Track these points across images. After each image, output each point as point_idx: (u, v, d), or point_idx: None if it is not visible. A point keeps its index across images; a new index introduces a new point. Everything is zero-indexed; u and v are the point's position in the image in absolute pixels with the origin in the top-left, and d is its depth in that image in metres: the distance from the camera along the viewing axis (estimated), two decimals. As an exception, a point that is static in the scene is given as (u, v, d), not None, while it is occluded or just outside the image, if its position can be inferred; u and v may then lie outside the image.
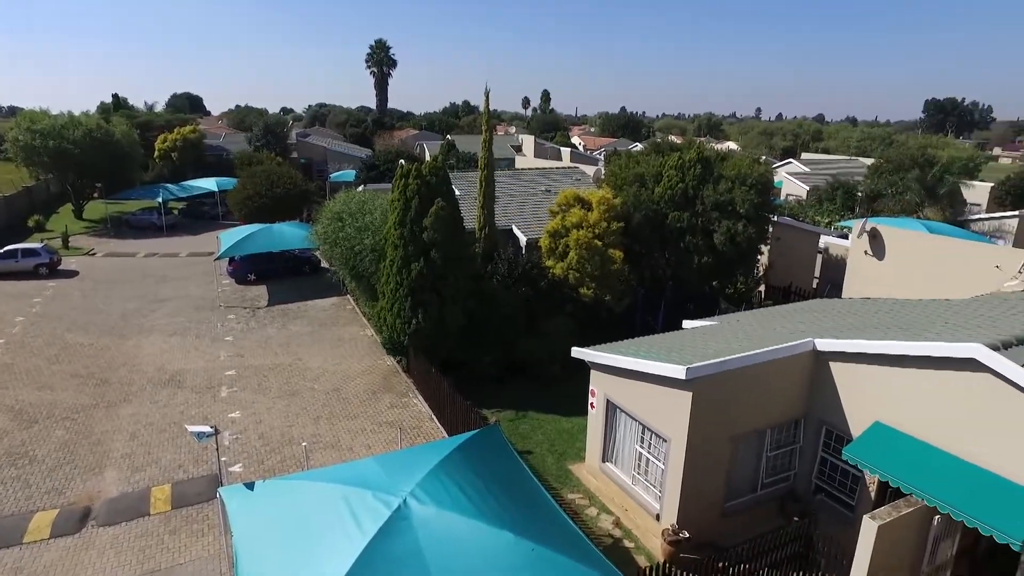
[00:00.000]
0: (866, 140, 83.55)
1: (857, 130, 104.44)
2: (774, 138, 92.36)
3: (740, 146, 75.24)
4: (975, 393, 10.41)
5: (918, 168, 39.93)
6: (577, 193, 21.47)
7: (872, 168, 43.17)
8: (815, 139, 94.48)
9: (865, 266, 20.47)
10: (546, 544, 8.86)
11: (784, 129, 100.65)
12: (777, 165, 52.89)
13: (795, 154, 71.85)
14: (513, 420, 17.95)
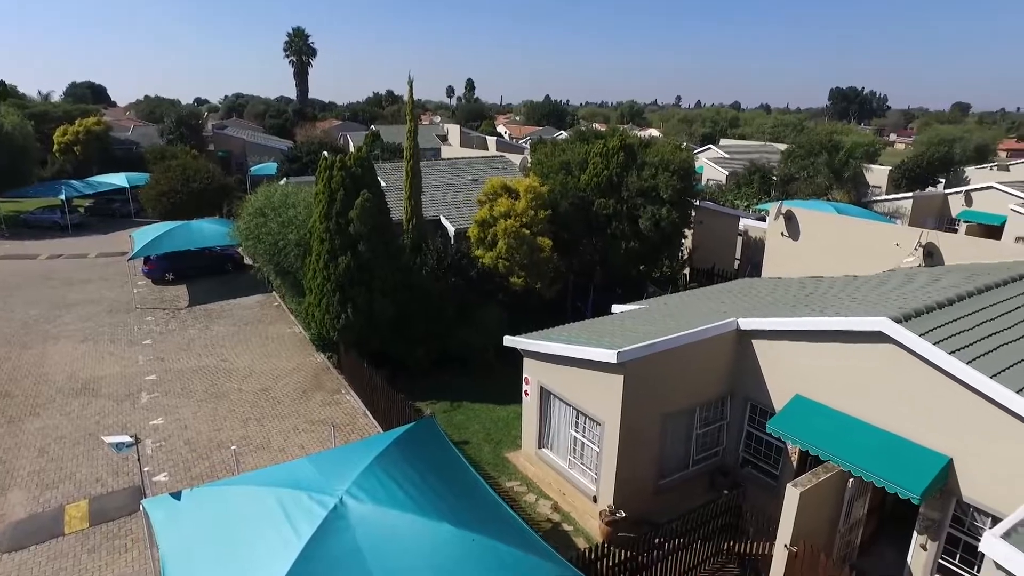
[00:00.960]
0: (779, 127, 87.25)
1: (771, 117, 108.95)
2: (694, 125, 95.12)
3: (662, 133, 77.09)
4: (881, 363, 11.10)
5: (826, 153, 42.07)
6: (504, 182, 21.50)
7: (785, 153, 45.20)
8: (732, 126, 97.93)
9: (782, 247, 21.41)
10: (486, 533, 8.90)
11: (703, 116, 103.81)
12: (698, 151, 54.52)
13: (714, 140, 74.23)
14: (448, 411, 17.91)
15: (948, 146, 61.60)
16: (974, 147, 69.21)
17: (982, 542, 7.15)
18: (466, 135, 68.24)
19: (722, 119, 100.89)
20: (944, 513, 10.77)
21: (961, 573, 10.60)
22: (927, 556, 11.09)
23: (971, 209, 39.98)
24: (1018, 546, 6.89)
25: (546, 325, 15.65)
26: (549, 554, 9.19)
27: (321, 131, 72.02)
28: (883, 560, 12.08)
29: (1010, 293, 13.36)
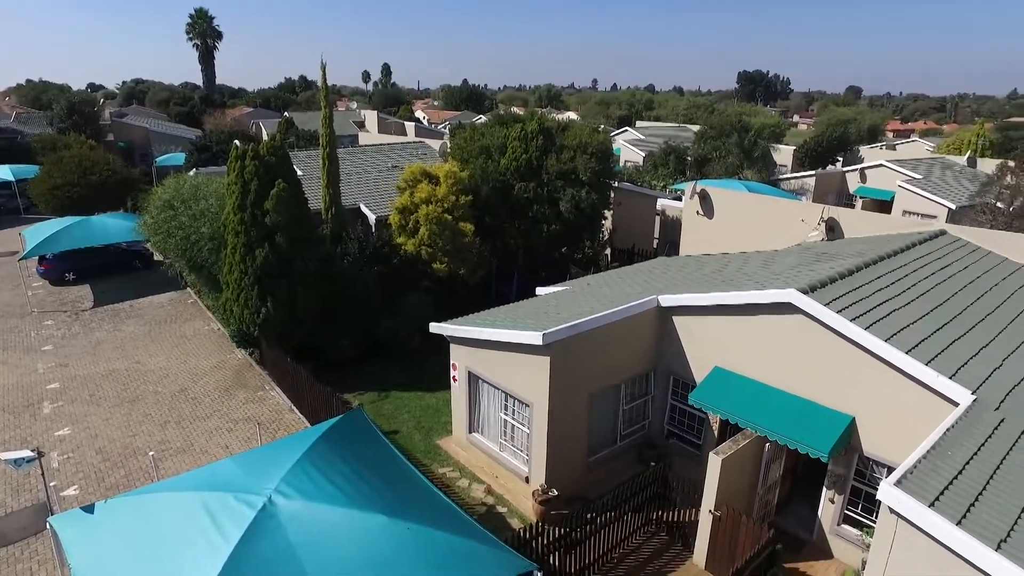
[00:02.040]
0: (692, 108, 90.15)
1: (684, 99, 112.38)
2: (610, 107, 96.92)
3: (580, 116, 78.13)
4: (791, 332, 11.76)
5: (736, 134, 43.78)
6: (424, 168, 21.27)
7: (698, 134, 46.76)
8: (647, 108, 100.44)
9: (698, 225, 22.19)
10: (421, 521, 8.89)
11: (619, 99, 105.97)
12: (615, 133, 55.59)
13: (630, 122, 75.88)
14: (376, 401, 17.71)
15: (844, 127, 65.37)
16: (867, 128, 73.77)
17: (879, 490, 7.72)
18: (384, 121, 66.94)
19: (637, 102, 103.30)
20: (848, 468, 11.58)
21: (864, 520, 11.44)
22: (835, 508, 11.91)
23: (866, 186, 42.66)
24: (908, 491, 7.49)
25: (472, 310, 15.67)
26: (485, 537, 9.28)
27: (231, 119, 68.79)
28: (798, 516, 12.88)
29: (900, 263, 14.42)
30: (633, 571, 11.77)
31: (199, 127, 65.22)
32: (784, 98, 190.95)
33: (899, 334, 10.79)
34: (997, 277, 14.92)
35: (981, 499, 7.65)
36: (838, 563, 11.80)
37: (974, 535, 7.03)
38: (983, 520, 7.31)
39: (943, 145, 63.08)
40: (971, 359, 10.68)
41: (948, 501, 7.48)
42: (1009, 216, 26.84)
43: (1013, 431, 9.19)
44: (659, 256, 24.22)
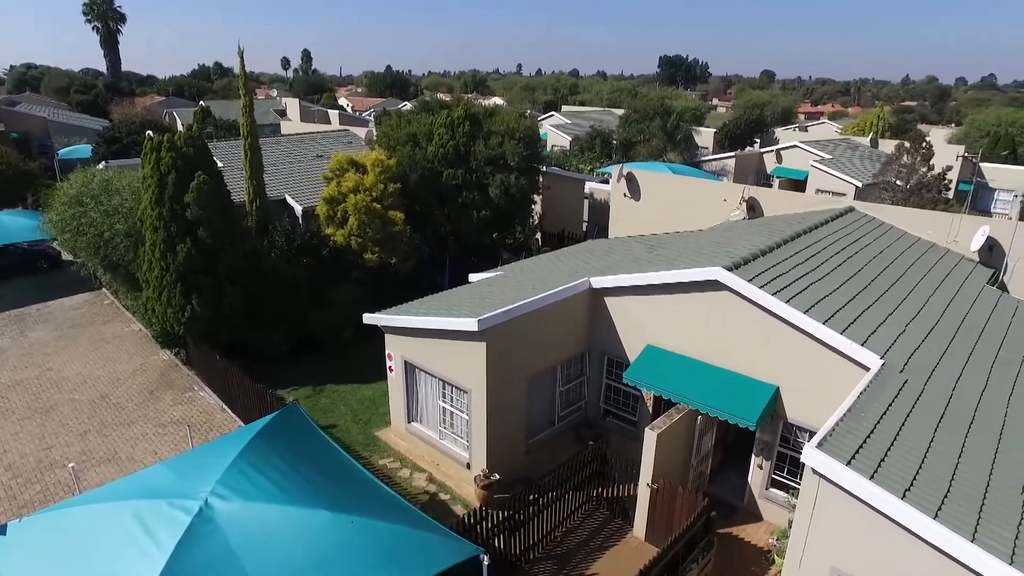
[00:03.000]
0: (616, 93, 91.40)
1: (607, 83, 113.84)
2: (536, 92, 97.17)
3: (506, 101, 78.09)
4: (717, 308, 12.24)
5: (660, 117, 44.78)
6: (351, 157, 20.82)
7: (623, 118, 47.54)
8: (572, 92, 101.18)
9: (625, 207, 22.66)
10: (364, 514, 8.83)
11: (544, 84, 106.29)
12: (541, 118, 55.87)
13: (556, 107, 76.33)
14: (312, 396, 17.35)
15: (760, 110, 67.92)
16: (781, 110, 76.99)
17: (803, 454, 8.19)
18: (307, 109, 64.90)
19: (563, 86, 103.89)
20: (774, 435, 12.20)
21: (790, 483, 12.10)
22: (763, 474, 12.54)
23: (782, 166, 44.57)
24: (827, 452, 7.98)
25: (405, 299, 15.51)
26: (429, 525, 9.31)
27: (142, 108, 65.06)
28: (730, 484, 13.49)
29: (815, 239, 15.21)
30: (576, 547, 12.06)
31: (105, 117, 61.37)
32: (703, 82, 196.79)
33: (816, 306, 11.41)
34: (898, 250, 15.95)
35: (890, 454, 8.24)
36: (768, 525, 12.45)
37: (884, 487, 7.58)
38: (891, 473, 7.88)
39: (849, 127, 66.66)
40: (879, 326, 11.42)
41: (862, 459, 8.02)
42: (907, 192, 28.67)
43: (915, 390, 9.92)
44: (589, 239, 24.61)
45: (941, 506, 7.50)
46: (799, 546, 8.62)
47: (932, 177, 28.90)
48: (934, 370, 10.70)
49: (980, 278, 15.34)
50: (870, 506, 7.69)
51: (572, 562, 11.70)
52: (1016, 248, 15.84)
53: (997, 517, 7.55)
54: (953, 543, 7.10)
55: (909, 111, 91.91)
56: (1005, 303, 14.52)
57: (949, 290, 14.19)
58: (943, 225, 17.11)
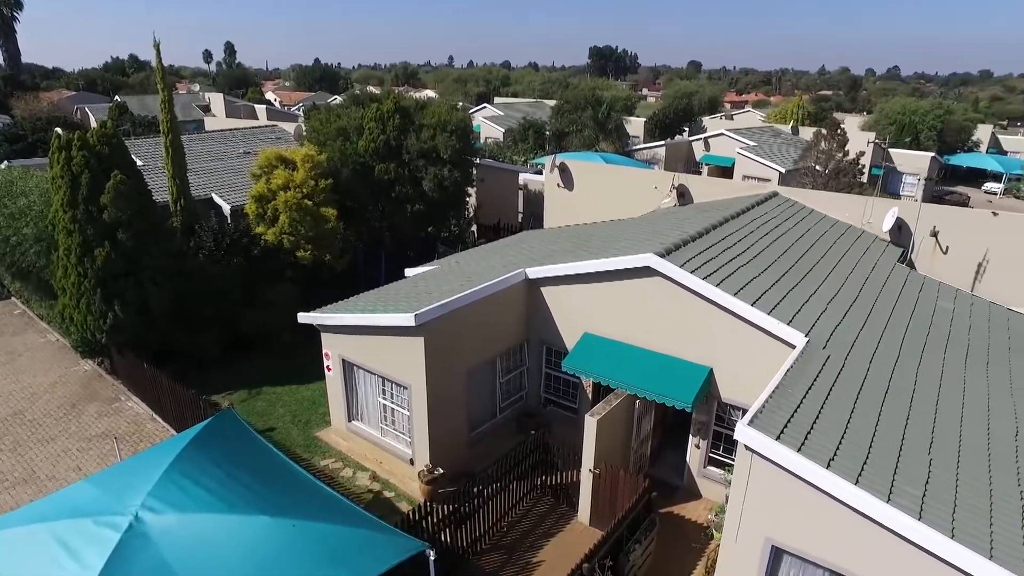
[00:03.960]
0: (547, 84, 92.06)
1: (539, 75, 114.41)
2: (468, 84, 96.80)
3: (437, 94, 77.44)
4: (651, 294, 12.53)
5: (591, 108, 45.34)
6: (280, 153, 20.24)
7: (555, 109, 47.93)
8: (504, 84, 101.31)
9: (559, 197, 22.89)
10: (306, 516, 8.65)
11: (476, 76, 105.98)
12: (474, 110, 55.75)
13: (488, 99, 76.33)
14: (248, 399, 16.86)
15: (688, 99, 69.76)
16: (707, 100, 79.26)
17: (736, 431, 8.51)
18: (232, 104, 62.73)
19: (494, 78, 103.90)
20: (710, 415, 12.61)
21: (726, 460, 12.55)
22: (700, 453, 12.96)
23: (710, 153, 45.96)
24: (759, 429, 8.32)
25: (341, 297, 15.23)
26: (374, 523, 9.21)
27: (49, 104, 61.27)
28: (669, 464, 13.87)
29: (742, 223, 15.75)
30: (523, 536, 12.17)
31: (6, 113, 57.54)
32: (633, 72, 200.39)
33: (745, 288, 11.84)
34: (819, 232, 16.71)
35: (815, 427, 8.66)
36: (706, 502, 12.88)
37: (811, 458, 7.96)
38: (817, 444, 8.28)
39: (771, 115, 69.26)
40: (803, 306, 11.95)
41: (791, 433, 8.40)
42: (825, 177, 30.06)
43: (837, 365, 10.45)
44: (524, 230, 24.75)
45: (861, 472, 7.94)
46: (735, 519, 8.96)
47: (848, 162, 30.41)
48: (853, 345, 11.28)
49: (891, 257, 16.24)
50: (799, 477, 8.06)
51: (519, 551, 11.81)
52: (921, 228, 16.83)
53: (909, 478, 8.06)
54: (871, 505, 7.55)
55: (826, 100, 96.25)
56: (913, 279, 15.43)
57: (865, 269, 14.97)
58: (858, 208, 18.02)
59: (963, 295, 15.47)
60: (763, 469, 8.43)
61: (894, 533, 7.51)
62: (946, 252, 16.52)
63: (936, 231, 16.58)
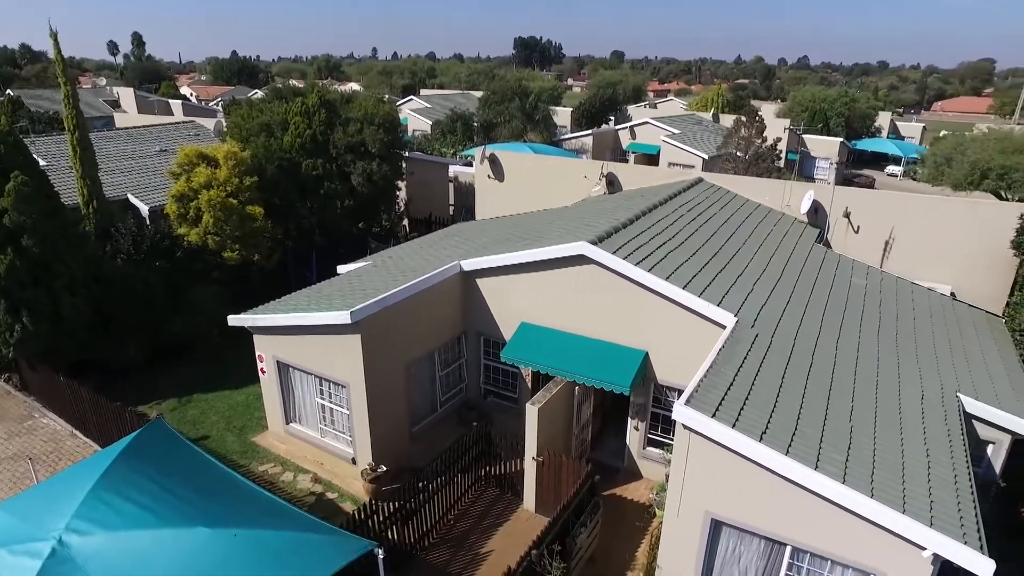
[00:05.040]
0: (473, 75, 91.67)
1: (465, 66, 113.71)
2: (393, 77, 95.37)
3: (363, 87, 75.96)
4: (585, 281, 12.75)
5: (518, 98, 45.45)
6: (200, 150, 19.42)
7: (482, 100, 47.78)
8: (430, 76, 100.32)
9: (490, 189, 22.91)
10: (247, 524, 8.42)
11: (401, 68, 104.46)
12: (400, 103, 54.94)
13: (415, 91, 75.37)
14: (178, 408, 16.19)
15: (613, 88, 70.94)
16: (632, 89, 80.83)
17: (673, 412, 8.80)
18: (144, 99, 59.57)
19: (420, 70, 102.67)
20: (647, 397, 12.97)
21: (664, 440, 12.94)
22: (640, 435, 13.32)
23: (636, 142, 46.92)
24: (695, 408, 8.63)
25: (272, 297, 14.79)
26: (318, 526, 9.05)
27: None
28: (610, 448, 14.20)
29: (670, 209, 16.21)
30: (470, 528, 12.22)
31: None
32: (558, 62, 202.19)
33: (676, 272, 12.20)
34: (743, 216, 17.38)
35: (748, 403, 9.05)
36: (647, 481, 13.26)
37: (745, 433, 8.32)
38: (750, 419, 8.66)
39: (693, 103, 71.31)
40: (731, 287, 12.43)
41: (725, 410, 8.74)
42: (746, 163, 31.25)
43: (765, 343, 10.94)
44: (457, 222, 24.67)
45: (791, 443, 8.36)
46: (676, 496, 9.27)
47: (766, 148, 31.68)
48: (779, 323, 11.83)
49: (810, 237, 17.08)
50: (734, 451, 8.42)
51: (467, 543, 11.85)
52: (835, 210, 17.76)
53: (832, 445, 8.56)
54: (801, 473, 7.98)
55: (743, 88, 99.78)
56: (830, 258, 16.28)
57: (786, 250, 15.69)
58: (777, 191, 18.83)
59: (874, 271, 16.44)
60: (701, 446, 8.75)
61: (822, 497, 7.95)
62: (858, 231, 17.50)
63: (848, 212, 17.52)
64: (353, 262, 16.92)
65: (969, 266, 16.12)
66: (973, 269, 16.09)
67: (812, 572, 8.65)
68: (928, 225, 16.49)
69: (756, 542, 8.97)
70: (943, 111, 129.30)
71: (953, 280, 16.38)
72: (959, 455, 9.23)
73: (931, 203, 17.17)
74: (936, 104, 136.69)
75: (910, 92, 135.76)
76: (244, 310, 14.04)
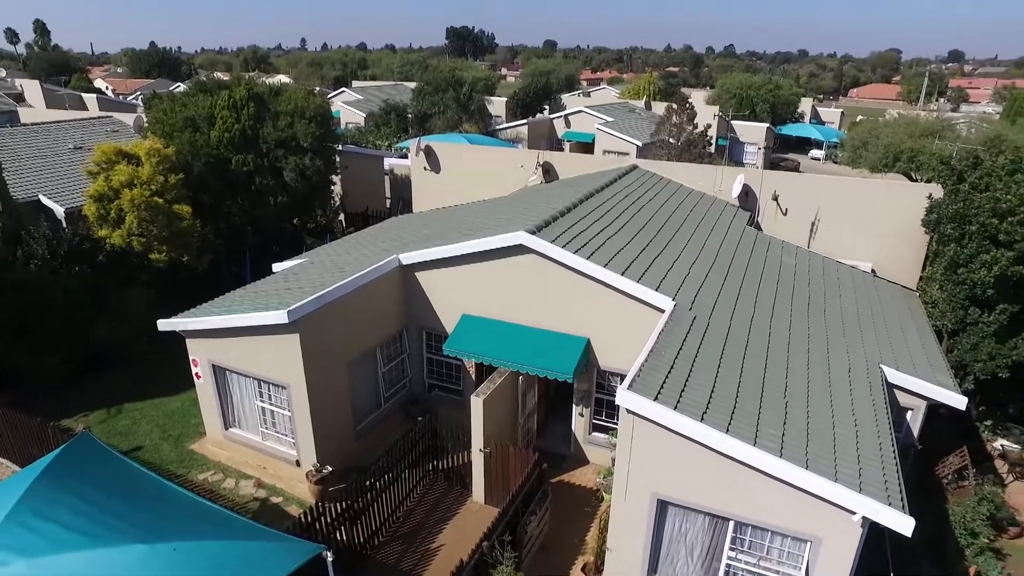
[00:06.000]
0: (406, 66, 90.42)
1: (397, 56, 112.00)
2: (324, 68, 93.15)
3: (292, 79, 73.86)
4: (525, 270, 12.80)
5: (452, 89, 45.12)
6: (119, 147, 18.45)
7: (416, 91, 47.22)
8: (362, 67, 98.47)
9: (427, 181, 22.69)
10: (188, 537, 8.09)
11: (332, 59, 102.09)
12: (332, 95, 53.77)
13: (346, 83, 73.88)
14: (107, 419, 15.43)
15: (546, 77, 71.21)
16: (565, 78, 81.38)
17: (617, 397, 8.95)
18: (53, 93, 56.10)
19: (351, 61, 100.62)
20: (591, 384, 13.16)
21: (609, 425, 13.17)
22: (585, 421, 13.51)
23: (571, 130, 47.31)
24: (638, 392, 8.81)
25: (205, 299, 14.24)
26: (265, 533, 8.80)
27: None
28: (556, 435, 14.35)
29: (607, 196, 16.43)
30: (421, 523, 12.15)
31: None
32: (491, 52, 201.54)
33: (614, 259, 12.39)
34: (677, 201, 17.79)
35: (688, 385, 9.30)
36: (594, 467, 13.48)
37: (687, 415, 8.55)
38: (691, 401, 8.91)
39: (625, 91, 72.46)
40: (668, 272, 12.72)
41: (667, 393, 8.95)
42: (679, 149, 31.97)
43: (702, 325, 11.25)
44: (393, 216, 24.35)
45: (731, 421, 8.64)
46: (622, 480, 9.46)
47: (697, 135, 32.47)
48: (715, 304, 12.18)
49: (741, 220, 17.63)
50: (677, 433, 8.64)
51: (418, 538, 11.79)
52: (764, 193, 18.39)
53: (769, 421, 8.91)
54: (741, 450, 8.27)
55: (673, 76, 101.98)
56: (760, 240, 16.87)
57: (720, 233, 16.15)
58: (709, 177, 19.35)
59: (802, 251, 17.13)
60: (645, 429, 8.94)
61: (761, 472, 8.27)
62: (786, 213, 18.18)
63: (776, 195, 18.17)
64: (289, 260, 16.48)
65: (887, 244, 16.99)
66: (890, 247, 16.96)
67: (754, 543, 9.00)
68: (849, 206, 17.28)
69: (701, 519, 9.26)
70: (859, 97, 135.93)
71: (873, 258, 17.24)
72: (883, 423, 9.76)
73: (851, 185, 18.00)
74: (852, 91, 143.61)
75: (828, 79, 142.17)
76: (175, 313, 13.48)
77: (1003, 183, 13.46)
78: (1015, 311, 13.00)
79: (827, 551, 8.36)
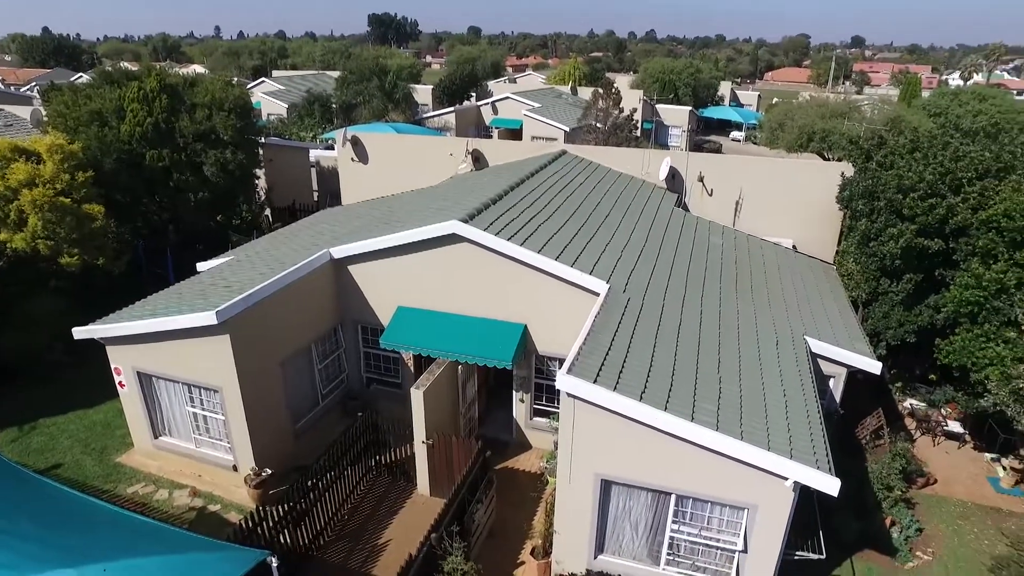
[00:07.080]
0: (328, 54, 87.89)
1: (318, 45, 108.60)
2: (241, 58, 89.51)
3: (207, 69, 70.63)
4: (459, 259, 12.76)
5: (377, 77, 44.22)
6: (15, 143, 17.18)
7: (339, 81, 46.01)
8: (282, 56, 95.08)
9: (355, 172, 22.21)
10: (119, 555, 7.69)
11: (249, 47, 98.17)
12: (251, 86, 51.77)
13: (266, 73, 71.28)
14: (19, 437, 14.46)
15: (472, 64, 70.82)
16: (491, 64, 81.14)
17: (557, 381, 9.06)
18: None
19: (270, 50, 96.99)
20: (530, 370, 13.27)
21: (550, 410, 13.33)
22: (525, 407, 13.63)
23: (498, 117, 47.28)
24: (577, 375, 8.94)
25: (125, 303, 13.48)
26: (203, 543, 8.49)
27: None
28: (498, 422, 14.42)
29: (537, 183, 16.52)
30: (366, 520, 11.99)
31: None
32: (415, 39, 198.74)
33: (547, 245, 12.49)
34: (607, 185, 18.07)
35: (625, 366, 9.50)
36: (537, 451, 13.63)
37: (626, 395, 8.73)
38: (629, 382, 9.10)
39: (551, 77, 72.85)
40: (601, 255, 12.92)
41: (605, 375, 9.11)
42: (606, 133, 32.45)
43: (636, 307, 11.50)
44: (322, 209, 23.75)
45: (668, 399, 8.88)
46: (566, 462, 9.59)
47: (623, 119, 33.01)
48: (648, 286, 12.47)
49: (669, 202, 18.08)
50: (617, 413, 8.81)
51: (365, 535, 11.63)
52: (690, 175, 18.90)
53: (704, 396, 9.21)
54: (679, 426, 8.52)
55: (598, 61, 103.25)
56: (688, 221, 17.35)
57: (649, 215, 16.51)
58: (637, 160, 19.72)
59: (728, 231, 17.73)
60: (585, 412, 9.08)
61: (699, 446, 8.55)
62: (711, 194, 18.75)
63: (702, 176, 18.71)
64: (214, 258, 15.84)
65: (805, 220, 17.78)
66: (809, 223, 17.77)
67: (695, 515, 9.32)
68: (770, 186, 17.98)
69: (644, 496, 9.51)
70: (773, 80, 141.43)
71: (794, 234, 18.03)
72: (809, 391, 10.26)
73: (770, 165, 18.73)
74: (767, 74, 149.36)
75: (745, 63, 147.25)
76: (92, 320, 12.74)
77: (904, 161, 14.31)
78: (919, 280, 13.91)
79: (763, 516, 8.76)
